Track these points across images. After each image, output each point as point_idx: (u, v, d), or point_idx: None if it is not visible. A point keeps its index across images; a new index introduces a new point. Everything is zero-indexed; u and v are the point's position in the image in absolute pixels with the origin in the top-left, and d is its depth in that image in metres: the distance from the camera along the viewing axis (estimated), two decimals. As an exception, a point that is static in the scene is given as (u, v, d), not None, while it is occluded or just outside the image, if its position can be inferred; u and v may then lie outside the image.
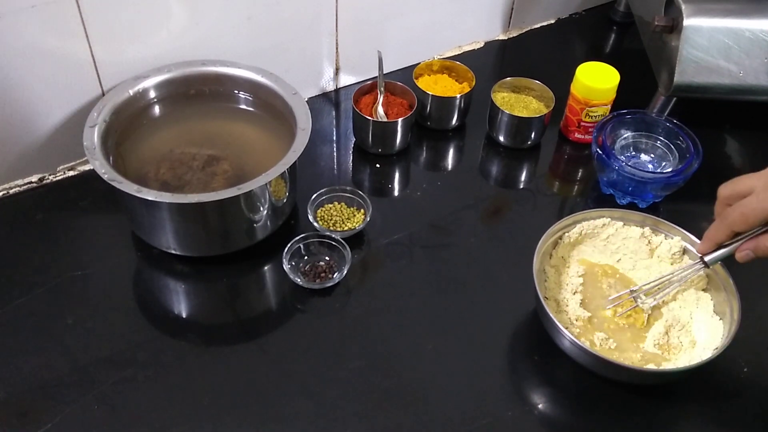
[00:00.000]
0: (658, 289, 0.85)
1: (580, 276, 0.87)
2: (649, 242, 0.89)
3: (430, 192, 1.03)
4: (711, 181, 1.04)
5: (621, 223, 0.90)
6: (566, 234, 0.89)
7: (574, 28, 1.35)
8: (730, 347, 0.76)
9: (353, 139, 1.08)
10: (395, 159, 1.07)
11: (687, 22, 0.99)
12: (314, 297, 0.88)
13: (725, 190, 0.75)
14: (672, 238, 0.88)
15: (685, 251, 0.88)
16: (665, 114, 1.09)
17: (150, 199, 0.80)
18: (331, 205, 0.96)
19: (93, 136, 0.86)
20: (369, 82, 1.08)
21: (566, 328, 0.78)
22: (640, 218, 0.90)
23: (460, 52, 1.26)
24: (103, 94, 0.94)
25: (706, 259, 0.79)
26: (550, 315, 0.78)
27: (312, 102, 1.14)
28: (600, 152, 0.99)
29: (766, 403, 0.81)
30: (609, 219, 0.89)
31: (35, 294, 0.86)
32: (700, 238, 0.82)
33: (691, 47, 1.01)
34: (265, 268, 0.91)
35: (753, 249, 0.74)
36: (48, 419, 0.75)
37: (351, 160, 1.07)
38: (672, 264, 0.88)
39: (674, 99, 1.09)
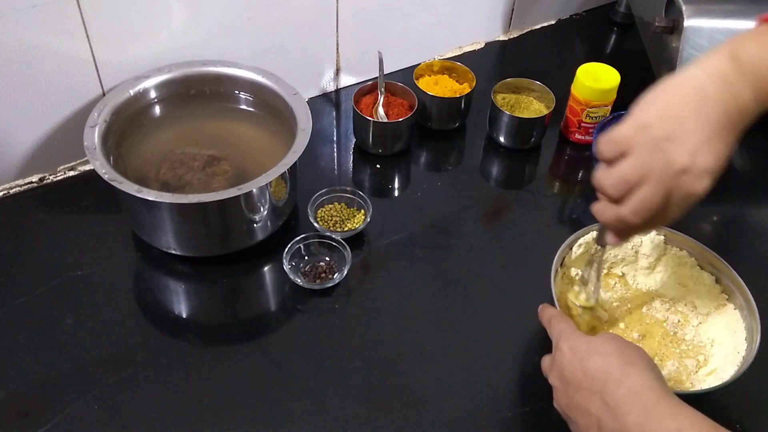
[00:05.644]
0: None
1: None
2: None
3: (431, 193, 1.03)
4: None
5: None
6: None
7: (574, 29, 1.35)
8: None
9: (353, 140, 1.08)
10: (395, 159, 1.07)
11: (687, 23, 0.99)
12: (314, 297, 0.88)
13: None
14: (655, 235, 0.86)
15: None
16: (666, 115, 1.09)
17: (150, 199, 0.80)
18: (331, 206, 0.96)
19: (93, 136, 0.86)
20: (369, 83, 1.08)
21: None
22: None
23: (460, 53, 1.26)
24: (104, 94, 0.94)
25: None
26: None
27: (312, 102, 1.14)
28: (600, 153, 0.99)
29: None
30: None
31: (35, 294, 0.86)
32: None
33: (692, 48, 1.00)
34: (266, 268, 0.91)
35: None
36: (48, 419, 0.75)
37: (351, 161, 1.07)
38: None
39: (675, 100, 1.09)
